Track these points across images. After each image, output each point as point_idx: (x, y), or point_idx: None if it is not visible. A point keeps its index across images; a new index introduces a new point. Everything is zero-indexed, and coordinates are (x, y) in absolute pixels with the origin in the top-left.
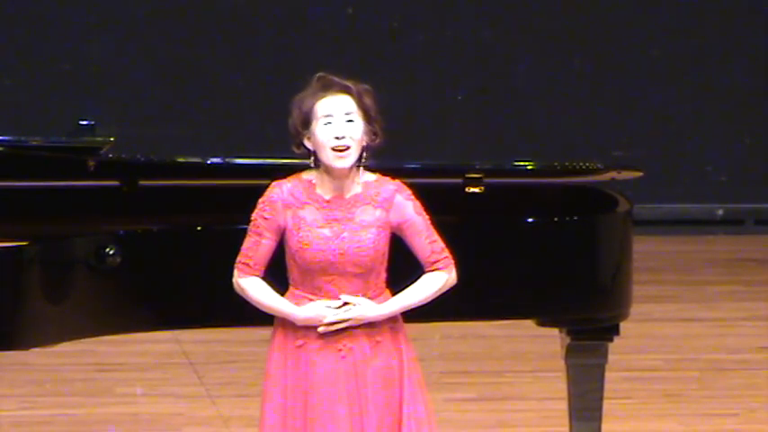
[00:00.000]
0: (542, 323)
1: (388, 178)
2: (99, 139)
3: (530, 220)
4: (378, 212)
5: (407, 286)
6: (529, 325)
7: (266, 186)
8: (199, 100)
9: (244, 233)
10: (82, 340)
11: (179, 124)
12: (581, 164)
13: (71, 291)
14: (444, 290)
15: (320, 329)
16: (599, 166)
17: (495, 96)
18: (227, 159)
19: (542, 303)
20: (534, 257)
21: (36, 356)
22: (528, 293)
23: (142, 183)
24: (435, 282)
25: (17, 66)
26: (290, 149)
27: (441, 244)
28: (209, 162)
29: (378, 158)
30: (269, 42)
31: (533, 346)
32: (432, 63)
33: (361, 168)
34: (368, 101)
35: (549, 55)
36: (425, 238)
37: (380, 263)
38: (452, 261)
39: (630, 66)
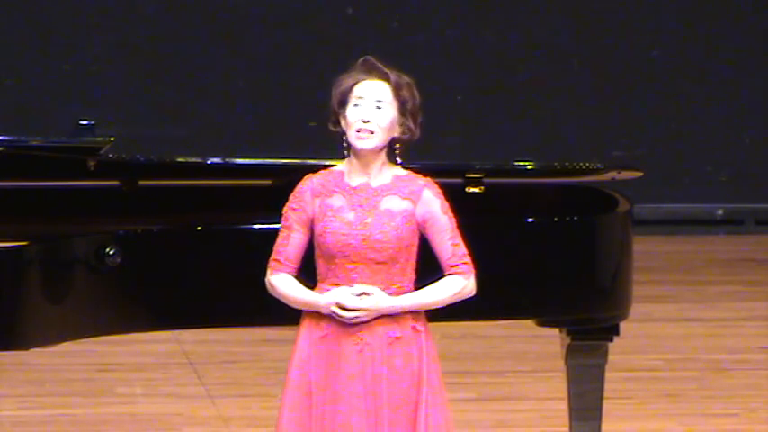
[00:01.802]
0: (542, 323)
1: (419, 175)
2: (99, 139)
3: (530, 220)
4: (405, 204)
5: (425, 285)
6: (529, 325)
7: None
8: (199, 100)
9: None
10: (82, 340)
11: (179, 124)
12: (581, 164)
13: (71, 291)
14: (461, 297)
15: (332, 308)
16: (599, 166)
17: (495, 96)
18: (227, 159)
19: (542, 303)
20: (534, 257)
21: (36, 356)
22: (528, 293)
23: (142, 183)
24: (452, 286)
25: (17, 66)
26: (286, 150)
27: (463, 249)
28: (209, 162)
29: None
30: (269, 42)
31: (533, 346)
32: (432, 63)
33: (391, 161)
34: (406, 93)
35: (549, 55)
36: (448, 239)
37: (405, 256)
38: (473, 269)
39: (630, 66)
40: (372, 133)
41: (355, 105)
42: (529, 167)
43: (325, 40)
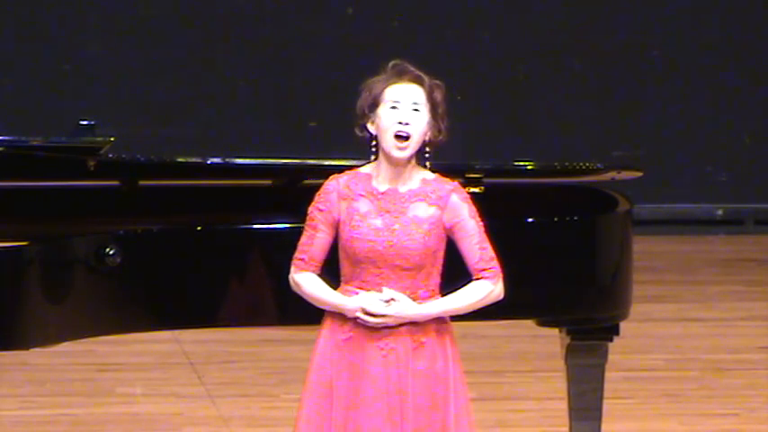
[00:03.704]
0: (542, 323)
1: (447, 179)
2: (99, 139)
3: (530, 220)
4: (432, 210)
5: (452, 291)
6: (529, 325)
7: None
8: (199, 100)
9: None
10: (82, 340)
11: (179, 124)
12: (581, 164)
13: (71, 291)
14: (488, 302)
15: (357, 313)
16: (599, 166)
17: (495, 96)
18: (227, 159)
19: (542, 303)
20: (534, 257)
21: (36, 356)
22: (528, 293)
23: (142, 183)
24: (479, 291)
25: (17, 66)
26: (286, 150)
27: (491, 253)
28: (209, 162)
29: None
30: (269, 42)
31: (533, 346)
32: (432, 63)
33: (420, 163)
34: (438, 95)
35: (549, 55)
36: (476, 243)
37: (431, 262)
38: (501, 273)
39: (630, 66)
40: (409, 139)
41: (392, 108)
42: (529, 167)
43: (325, 39)
